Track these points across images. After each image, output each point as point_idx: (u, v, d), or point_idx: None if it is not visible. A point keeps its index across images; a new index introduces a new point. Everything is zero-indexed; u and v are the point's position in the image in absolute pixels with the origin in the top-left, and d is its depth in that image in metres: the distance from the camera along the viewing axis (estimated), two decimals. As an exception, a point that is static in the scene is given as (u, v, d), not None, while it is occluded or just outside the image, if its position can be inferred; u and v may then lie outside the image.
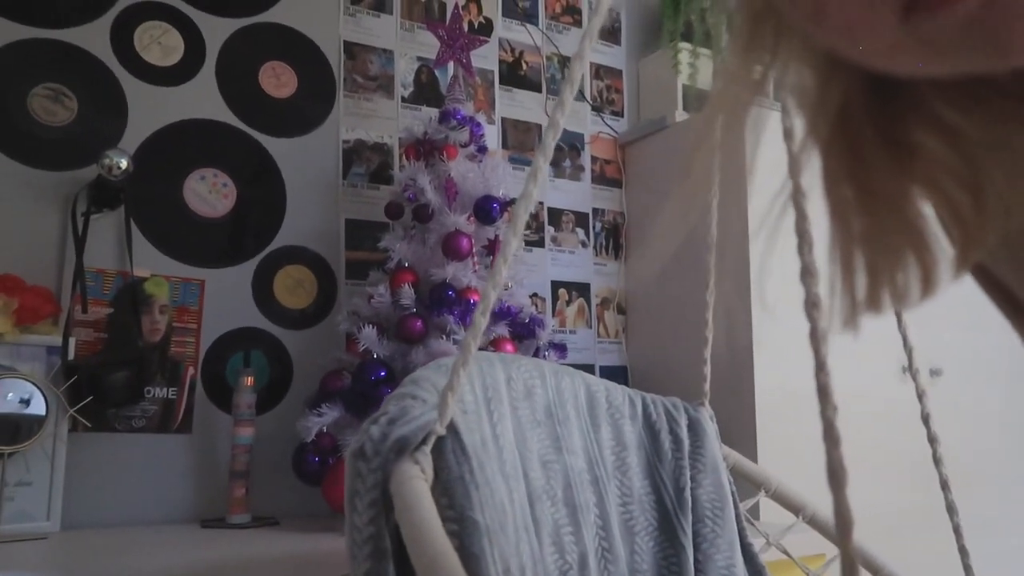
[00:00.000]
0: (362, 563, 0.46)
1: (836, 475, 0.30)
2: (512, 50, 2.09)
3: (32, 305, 1.37)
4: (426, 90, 1.94)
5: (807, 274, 0.36)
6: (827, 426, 0.31)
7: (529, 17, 2.13)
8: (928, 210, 0.31)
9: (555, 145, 0.55)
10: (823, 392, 0.33)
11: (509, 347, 1.49)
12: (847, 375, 1.83)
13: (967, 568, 0.86)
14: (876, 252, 0.32)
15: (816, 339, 0.34)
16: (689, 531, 0.96)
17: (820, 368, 0.33)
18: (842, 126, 0.32)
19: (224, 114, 1.70)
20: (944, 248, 0.31)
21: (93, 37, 1.59)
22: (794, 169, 0.43)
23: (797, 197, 0.39)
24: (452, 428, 0.51)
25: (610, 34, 2.27)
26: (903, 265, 0.31)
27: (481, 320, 0.47)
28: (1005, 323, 0.39)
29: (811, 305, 0.35)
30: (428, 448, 0.49)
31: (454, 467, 0.50)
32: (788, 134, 0.43)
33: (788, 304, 1.33)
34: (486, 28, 2.05)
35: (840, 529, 0.30)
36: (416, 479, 0.46)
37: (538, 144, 2.08)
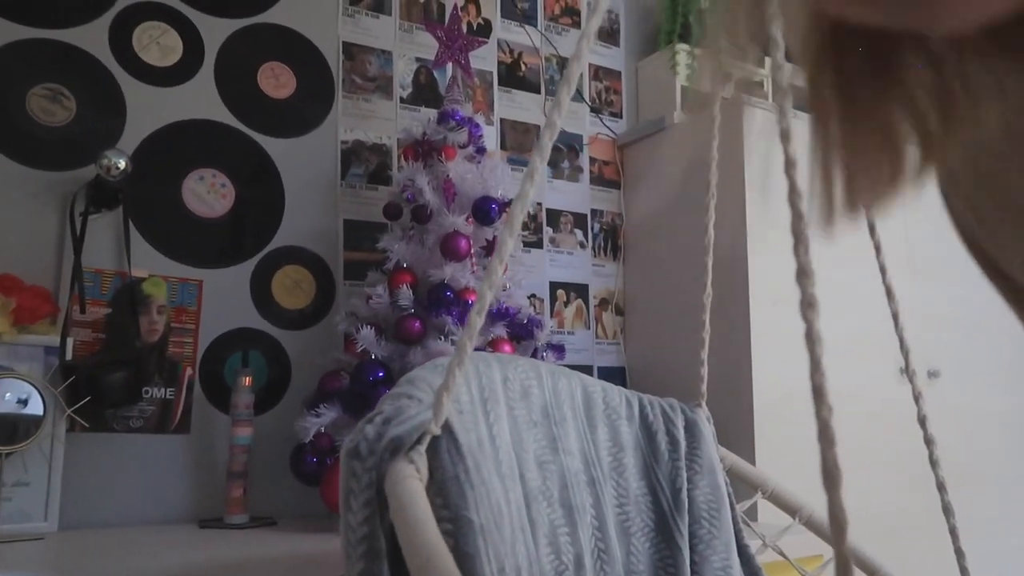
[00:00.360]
0: (356, 563, 0.46)
1: (831, 476, 0.30)
2: (511, 51, 2.09)
3: (30, 305, 1.37)
4: (425, 91, 1.94)
5: (803, 275, 0.36)
6: (822, 427, 0.31)
7: (528, 18, 2.13)
8: (903, 119, 0.34)
9: (553, 146, 0.55)
10: (818, 393, 0.33)
11: (507, 348, 1.49)
12: (846, 376, 1.83)
13: (963, 570, 0.86)
14: (853, 154, 0.34)
15: (811, 340, 0.34)
16: (685, 532, 0.95)
17: (815, 369, 0.33)
18: (830, 47, 0.34)
19: (223, 114, 1.70)
20: (913, 157, 0.34)
21: (92, 37, 1.59)
22: (790, 170, 0.43)
23: (793, 198, 0.39)
24: (447, 428, 0.51)
25: (609, 35, 2.27)
26: (877, 166, 0.34)
27: (477, 320, 0.47)
28: (1003, 324, 0.39)
29: (807, 306, 0.35)
30: (423, 448, 0.49)
31: (449, 467, 0.49)
32: (785, 135, 0.43)
33: (786, 305, 1.33)
34: (485, 29, 2.05)
35: (834, 530, 0.30)
36: (411, 479, 0.46)
37: (536, 144, 2.08)
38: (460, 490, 0.49)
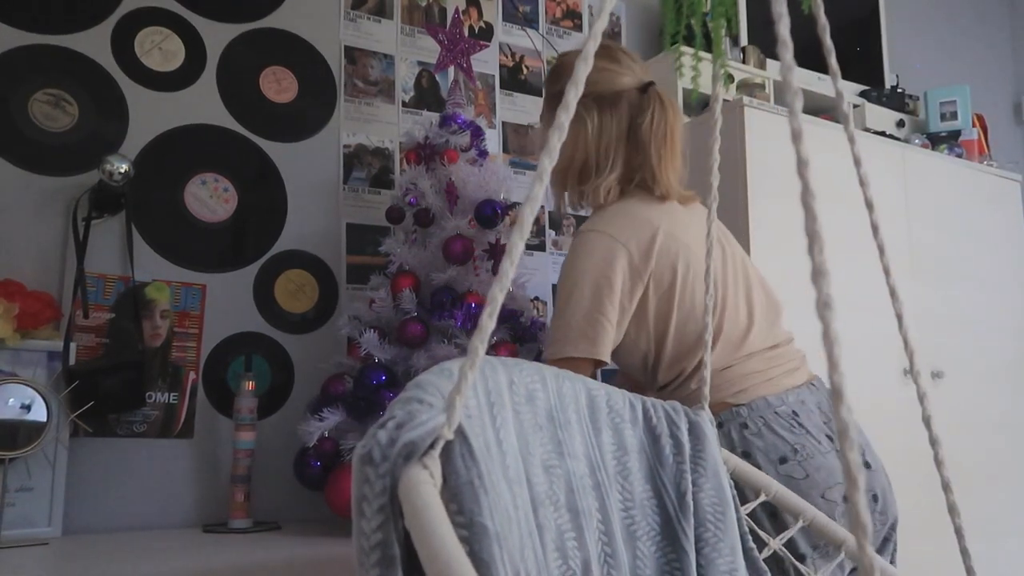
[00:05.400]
0: (370, 570, 0.45)
1: (852, 477, 0.30)
2: (512, 54, 2.09)
3: (33, 310, 1.36)
4: (427, 94, 1.94)
5: (819, 275, 0.36)
6: (842, 427, 0.31)
7: (529, 22, 2.13)
8: None
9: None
10: (837, 393, 0.32)
11: (504, 350, 1.49)
12: (848, 377, 1.83)
13: (969, 570, 0.85)
14: None
15: (829, 340, 0.33)
16: (691, 535, 0.95)
17: (834, 369, 0.33)
18: None
19: (225, 119, 1.70)
20: None
21: (94, 43, 1.59)
22: (802, 170, 0.43)
23: (807, 197, 0.39)
24: (460, 432, 0.51)
25: (610, 38, 2.27)
26: None
27: (489, 323, 0.47)
28: (1006, 326, 0.39)
29: (823, 306, 0.34)
30: (437, 452, 0.49)
31: (462, 471, 0.49)
32: (796, 135, 0.43)
33: (789, 306, 1.33)
34: (486, 33, 2.05)
35: (857, 528, 0.30)
36: (425, 484, 0.45)
37: (539, 147, 2.07)
38: (474, 495, 0.48)
